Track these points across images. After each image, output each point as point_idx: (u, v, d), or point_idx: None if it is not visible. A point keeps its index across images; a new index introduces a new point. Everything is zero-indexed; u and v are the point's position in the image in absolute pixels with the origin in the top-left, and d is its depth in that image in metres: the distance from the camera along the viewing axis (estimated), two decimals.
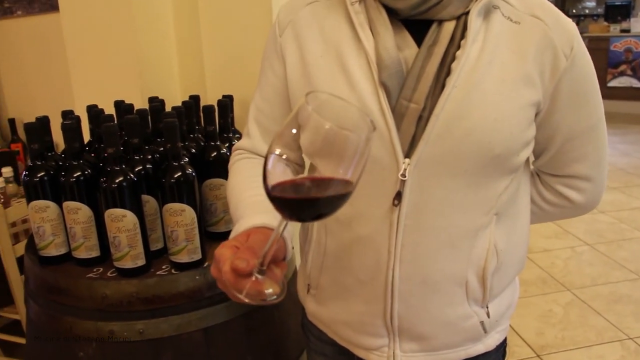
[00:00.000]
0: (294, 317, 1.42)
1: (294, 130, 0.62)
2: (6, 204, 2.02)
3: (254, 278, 0.69)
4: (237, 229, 0.81)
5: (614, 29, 7.78)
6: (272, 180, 0.63)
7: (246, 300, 0.68)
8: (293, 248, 1.30)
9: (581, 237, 3.81)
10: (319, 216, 0.66)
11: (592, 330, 2.73)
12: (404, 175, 0.83)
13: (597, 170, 0.96)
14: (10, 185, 2.21)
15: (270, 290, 0.70)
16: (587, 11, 9.17)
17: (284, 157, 0.64)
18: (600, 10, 8.89)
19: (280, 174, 0.64)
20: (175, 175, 1.18)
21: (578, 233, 3.86)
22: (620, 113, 7.40)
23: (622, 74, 7.58)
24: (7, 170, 2.20)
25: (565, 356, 2.55)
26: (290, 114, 0.63)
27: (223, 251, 0.72)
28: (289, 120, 0.63)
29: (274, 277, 0.71)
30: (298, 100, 0.90)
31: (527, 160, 0.92)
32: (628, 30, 7.64)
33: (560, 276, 3.27)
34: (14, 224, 2.06)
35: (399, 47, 0.83)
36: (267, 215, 0.78)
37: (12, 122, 2.63)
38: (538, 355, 2.55)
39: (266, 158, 0.63)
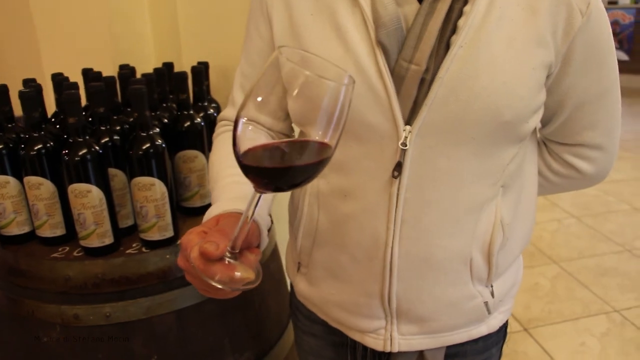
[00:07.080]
0: (274, 297, 1.36)
1: (267, 88, 0.57)
2: None
3: (226, 262, 0.65)
4: (208, 215, 0.75)
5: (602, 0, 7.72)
6: (244, 147, 0.57)
7: (218, 286, 0.63)
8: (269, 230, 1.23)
9: (568, 209, 3.79)
10: (295, 185, 0.61)
11: (579, 303, 2.72)
12: (404, 144, 0.76)
13: (609, 139, 0.90)
14: None
15: (244, 275, 0.65)
16: None
17: (256, 121, 0.59)
18: None
19: (253, 139, 0.58)
20: (144, 147, 1.09)
21: (565, 205, 3.84)
22: None
23: None
24: None
25: (552, 329, 2.54)
26: (262, 70, 0.56)
27: (190, 237, 0.67)
28: (259, 76, 0.57)
29: (248, 263, 0.67)
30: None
31: (535, 128, 0.86)
32: (615, 2, 7.58)
33: (547, 249, 3.25)
34: None
35: (397, 2, 0.75)
36: (241, 200, 0.73)
37: None
38: (525, 329, 2.53)
39: (235, 122, 0.57)
